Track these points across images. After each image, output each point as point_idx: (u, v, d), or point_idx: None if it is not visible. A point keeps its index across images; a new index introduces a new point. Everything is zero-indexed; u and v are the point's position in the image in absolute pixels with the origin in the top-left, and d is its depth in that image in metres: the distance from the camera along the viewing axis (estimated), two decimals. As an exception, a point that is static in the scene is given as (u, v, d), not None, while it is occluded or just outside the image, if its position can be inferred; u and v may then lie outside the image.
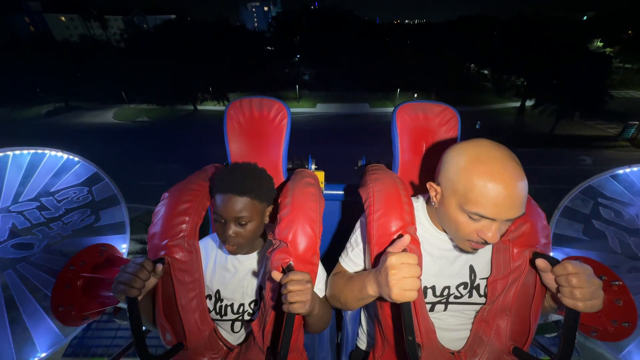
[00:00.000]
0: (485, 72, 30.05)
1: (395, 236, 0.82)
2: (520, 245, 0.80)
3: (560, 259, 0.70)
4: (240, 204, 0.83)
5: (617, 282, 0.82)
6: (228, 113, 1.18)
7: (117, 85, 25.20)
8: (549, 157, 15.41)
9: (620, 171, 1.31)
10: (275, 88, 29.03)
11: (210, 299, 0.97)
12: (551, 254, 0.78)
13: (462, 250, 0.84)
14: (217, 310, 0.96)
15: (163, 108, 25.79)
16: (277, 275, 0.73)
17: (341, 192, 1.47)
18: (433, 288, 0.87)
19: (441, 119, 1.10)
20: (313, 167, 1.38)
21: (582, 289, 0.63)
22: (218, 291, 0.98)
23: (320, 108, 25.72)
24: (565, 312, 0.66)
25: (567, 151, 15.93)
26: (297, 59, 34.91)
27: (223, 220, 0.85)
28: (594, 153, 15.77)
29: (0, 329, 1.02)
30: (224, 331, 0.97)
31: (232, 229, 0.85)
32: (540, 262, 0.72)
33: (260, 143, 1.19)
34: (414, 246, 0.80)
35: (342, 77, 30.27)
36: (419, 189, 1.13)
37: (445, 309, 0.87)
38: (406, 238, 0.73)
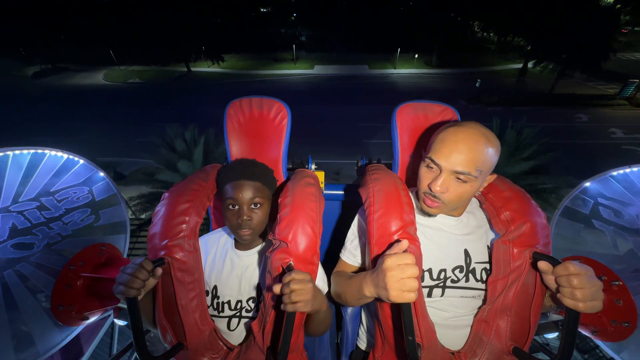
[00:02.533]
0: (490, 34, 28.46)
1: (395, 236, 0.82)
2: (520, 245, 0.80)
3: (560, 259, 0.70)
4: (254, 187, 0.92)
5: (617, 282, 0.82)
6: (228, 113, 1.18)
7: (104, 44, 23.89)
8: (546, 115, 15.26)
9: (620, 171, 1.31)
10: (271, 49, 27.96)
11: (208, 294, 0.98)
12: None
13: (450, 233, 0.91)
14: (215, 307, 0.97)
15: (155, 69, 24.90)
16: (277, 289, 0.71)
17: (341, 192, 1.47)
18: (430, 271, 0.87)
19: (441, 119, 1.10)
20: (313, 167, 1.38)
21: (583, 290, 0.63)
22: (215, 287, 0.98)
23: (317, 70, 24.77)
24: (566, 312, 0.66)
25: (565, 109, 15.74)
26: (293, 17, 33.49)
27: (237, 207, 0.90)
28: (591, 111, 15.62)
29: (1, 329, 1.01)
30: (221, 330, 0.97)
31: (247, 213, 0.90)
32: (542, 265, 0.72)
33: (260, 143, 1.19)
34: (414, 246, 0.80)
35: (340, 38, 29.17)
36: None
37: (442, 294, 0.87)
38: (404, 243, 0.73)
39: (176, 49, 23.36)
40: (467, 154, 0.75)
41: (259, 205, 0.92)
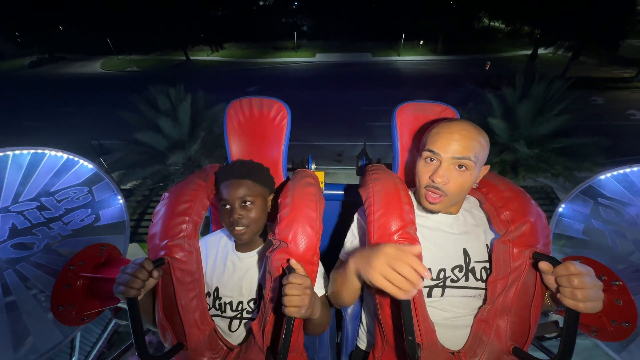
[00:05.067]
0: (497, 22, 27.70)
1: (395, 236, 0.82)
2: (520, 245, 0.80)
3: (560, 259, 0.70)
4: (243, 186, 0.92)
5: (617, 282, 0.82)
6: (228, 113, 1.18)
7: (101, 30, 23.41)
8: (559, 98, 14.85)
9: (621, 171, 1.31)
10: (272, 38, 27.89)
11: (210, 296, 0.98)
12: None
13: (452, 232, 0.90)
14: (217, 307, 0.97)
15: (153, 58, 24.58)
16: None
17: (341, 192, 1.47)
18: (429, 271, 0.87)
19: (441, 118, 1.10)
20: (313, 167, 1.38)
21: (583, 290, 0.63)
22: (217, 288, 0.98)
23: (319, 58, 24.44)
24: (566, 312, 0.66)
25: (579, 93, 14.96)
26: (294, 6, 33.63)
27: (229, 206, 0.91)
28: (607, 94, 15.13)
29: (1, 329, 1.02)
30: (222, 330, 0.97)
31: (238, 212, 0.90)
32: (543, 265, 0.72)
33: (260, 143, 1.19)
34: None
35: (343, 26, 28.72)
36: None
37: (442, 294, 0.87)
38: (417, 248, 0.73)
39: (173, 35, 22.91)
40: (462, 141, 0.80)
41: (250, 202, 0.92)
